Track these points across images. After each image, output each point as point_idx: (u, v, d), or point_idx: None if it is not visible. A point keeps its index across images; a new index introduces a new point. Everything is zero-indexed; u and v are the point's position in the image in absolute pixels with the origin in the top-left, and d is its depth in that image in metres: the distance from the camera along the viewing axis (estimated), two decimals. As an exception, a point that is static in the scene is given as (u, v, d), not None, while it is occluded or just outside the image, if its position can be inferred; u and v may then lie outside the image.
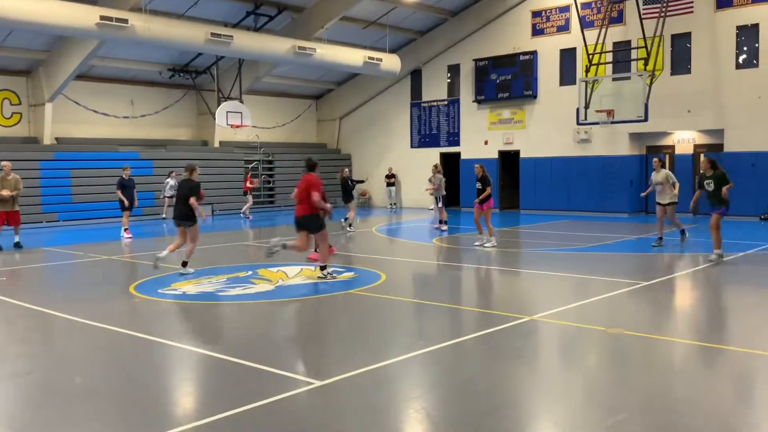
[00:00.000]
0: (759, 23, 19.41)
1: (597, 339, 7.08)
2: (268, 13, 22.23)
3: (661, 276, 10.78)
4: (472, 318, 8.22)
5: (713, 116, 20.33)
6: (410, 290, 10.47)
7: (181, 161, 23.99)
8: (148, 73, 24.20)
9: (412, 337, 7.30)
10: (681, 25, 20.63)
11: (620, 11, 21.57)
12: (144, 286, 10.13)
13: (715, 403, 5.18)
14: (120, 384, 5.79)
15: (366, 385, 5.60)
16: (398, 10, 23.94)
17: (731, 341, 7.00)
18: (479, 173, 14.47)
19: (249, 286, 9.92)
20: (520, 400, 5.36)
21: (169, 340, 7.09)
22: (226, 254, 14.13)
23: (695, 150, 21.39)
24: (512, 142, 24.68)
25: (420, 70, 27.16)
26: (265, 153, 27.09)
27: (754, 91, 19.53)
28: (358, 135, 29.60)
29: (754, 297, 9.51)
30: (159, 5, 19.86)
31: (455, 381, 5.75)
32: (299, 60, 22.30)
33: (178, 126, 25.90)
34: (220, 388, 5.66)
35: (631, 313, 8.49)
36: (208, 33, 19.61)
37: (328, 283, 10.20)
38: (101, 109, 23.52)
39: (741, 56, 20.01)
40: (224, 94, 24.34)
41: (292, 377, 5.74)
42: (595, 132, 22.26)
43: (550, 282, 10.71)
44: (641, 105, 18.88)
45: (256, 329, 7.75)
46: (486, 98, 24.98)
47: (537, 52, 23.73)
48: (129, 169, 17.39)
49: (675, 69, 21.03)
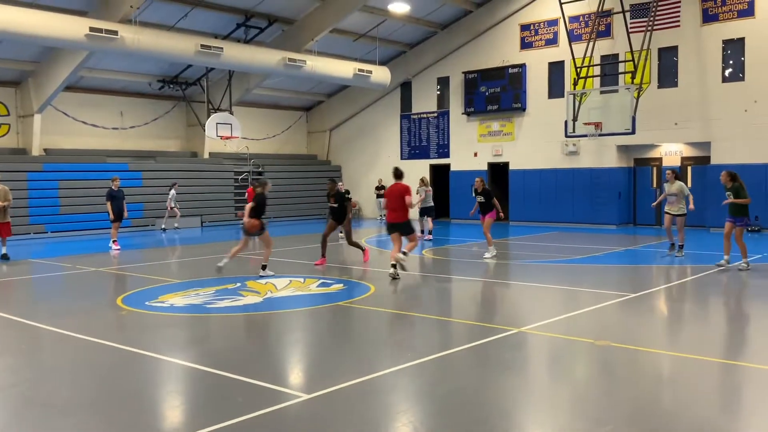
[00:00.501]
0: (744, 37, 19.66)
1: (585, 351, 7.10)
2: (259, 25, 22.31)
3: (649, 288, 10.83)
4: (461, 330, 8.23)
5: (700, 129, 20.52)
6: (399, 302, 10.46)
7: (171, 173, 24.04)
8: (138, 85, 24.18)
9: (400, 350, 7.29)
10: (668, 39, 20.86)
11: (608, 25, 21.79)
12: (131, 299, 10.08)
13: (700, 414, 5.20)
14: (106, 397, 5.74)
15: (354, 397, 5.59)
16: (388, 23, 24.08)
17: (717, 353, 7.04)
18: (479, 187, 14.67)
19: (237, 299, 9.89)
20: (509, 412, 5.36)
21: (155, 352, 7.05)
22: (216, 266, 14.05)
23: (683, 162, 21.57)
24: (501, 154, 24.80)
25: (410, 82, 27.29)
26: (255, 164, 27.08)
27: (740, 104, 19.74)
28: (349, 147, 29.65)
29: (740, 308, 9.57)
30: (149, 17, 19.89)
31: (444, 393, 5.74)
32: (289, 72, 22.35)
33: (167, 137, 25.86)
34: (207, 401, 5.63)
35: (619, 325, 8.52)
36: (198, 45, 19.64)
37: (319, 294, 10.20)
38: (90, 121, 23.47)
39: (727, 70, 20.23)
40: (214, 106, 24.36)
41: (279, 390, 5.72)
42: (584, 144, 22.41)
43: (538, 294, 10.74)
44: (629, 118, 19.04)
45: (244, 342, 7.72)
46: (475, 110, 25.11)
47: (526, 65, 23.91)
48: (118, 180, 17.33)
49: (662, 82, 21.24)
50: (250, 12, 21.75)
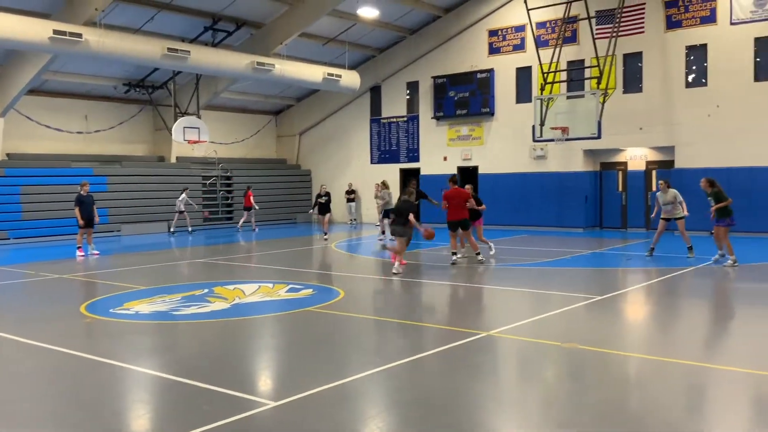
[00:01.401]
0: (707, 43, 20.06)
1: (552, 354, 7.16)
2: (227, 29, 22.13)
3: (615, 290, 10.96)
4: (430, 334, 8.23)
5: (664, 133, 20.88)
6: (369, 307, 10.44)
7: (136, 177, 23.72)
8: (103, 88, 23.81)
9: (370, 355, 7.27)
10: (632, 45, 21.20)
11: (574, 31, 22.08)
12: (95, 306, 9.90)
13: (667, 416, 5.27)
14: (69, 407, 5.62)
15: (323, 404, 5.55)
16: (357, 28, 24.08)
17: (684, 355, 7.14)
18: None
19: (204, 305, 9.77)
20: (477, 416, 5.37)
21: (120, 361, 6.92)
22: (183, 272, 13.91)
23: (647, 167, 21.92)
24: (471, 158, 24.95)
25: (379, 87, 27.31)
26: (224, 169, 26.84)
27: (703, 109, 20.13)
28: (318, 151, 29.56)
29: (704, 310, 9.74)
30: (114, 20, 19.61)
31: (413, 398, 5.73)
32: (258, 76, 22.21)
33: (133, 142, 25.51)
34: (173, 410, 5.54)
35: (586, 327, 8.61)
36: (165, 48, 19.40)
37: (288, 300, 10.14)
38: (54, 125, 23.04)
39: (690, 75, 20.63)
40: (181, 110, 24.10)
41: (247, 398, 5.66)
42: (551, 149, 22.65)
43: (507, 297, 10.81)
44: (594, 122, 19.30)
45: (211, 349, 7.62)
46: (445, 115, 25.23)
47: (494, 70, 24.10)
48: (87, 185, 17.03)
49: (627, 87, 21.57)
50: (218, 15, 21.57)
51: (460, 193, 14.38)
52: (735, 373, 6.37)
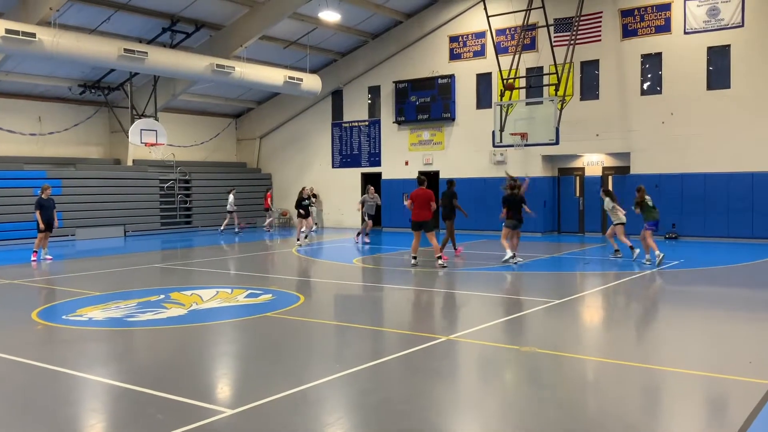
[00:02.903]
0: (662, 52, 20.53)
1: (511, 357, 7.20)
2: (185, 30, 21.85)
3: (573, 294, 11.10)
4: (390, 339, 8.21)
5: (620, 140, 21.29)
6: (329, 312, 10.38)
7: (92, 180, 23.23)
8: (57, 89, 23.27)
9: (329, 360, 7.21)
10: (590, 53, 21.58)
11: (533, 38, 22.37)
12: (47, 313, 9.64)
13: (624, 418, 5.33)
14: (18, 416, 5.44)
15: (282, 411, 5.47)
16: (319, 31, 24.01)
17: (639, 358, 7.25)
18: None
19: (160, 311, 9.58)
20: (438, 421, 5.36)
21: (71, 369, 6.73)
22: (139, 277, 13.64)
23: (604, 172, 22.31)
24: (432, 163, 25.06)
25: (341, 91, 27.27)
26: (182, 172, 26.45)
27: (657, 116, 20.59)
28: (279, 154, 29.36)
29: (660, 313, 9.93)
30: (69, 19, 19.19)
31: (373, 403, 5.70)
32: (218, 78, 21.97)
33: (88, 144, 24.97)
34: (126, 419, 5.40)
35: (544, 331, 8.69)
36: (122, 48, 19.05)
37: (247, 305, 10.02)
38: (6, 126, 22.43)
39: (646, 83, 21.08)
40: (138, 112, 23.69)
41: (203, 406, 5.54)
42: (510, 154, 22.90)
43: (466, 302, 10.86)
44: (553, 129, 19.57)
45: (166, 356, 7.47)
46: (406, 119, 25.30)
47: (455, 76, 24.27)
48: (49, 189, 16.58)
49: (584, 95, 21.95)
50: (177, 16, 21.28)
51: (424, 194, 14.36)
52: (689, 375, 6.49)
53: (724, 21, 19.52)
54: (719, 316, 9.48)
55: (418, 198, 14.39)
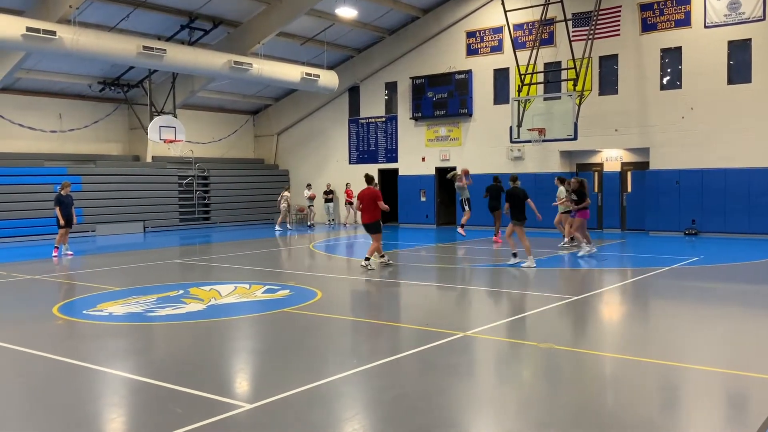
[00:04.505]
0: (681, 46, 20.30)
1: (529, 354, 7.18)
2: (203, 27, 21.95)
3: (591, 290, 11.04)
4: (408, 335, 8.22)
5: (639, 135, 21.10)
6: (346, 308, 10.41)
7: (112, 176, 23.44)
8: (78, 87, 23.49)
9: (347, 356, 7.24)
10: (608, 48, 21.39)
11: (551, 33, 22.22)
12: (68, 307, 9.75)
13: (643, 415, 5.30)
14: (40, 410, 5.51)
15: (300, 406, 5.50)
16: (335, 27, 24.02)
17: (656, 354, 7.20)
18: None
19: (180, 306, 9.66)
20: (455, 417, 5.36)
21: (92, 363, 6.82)
22: (158, 272, 13.75)
23: (623, 168, 22.13)
24: (449, 159, 25.01)
25: (358, 87, 27.26)
26: (200, 168, 26.62)
27: (677, 111, 20.38)
28: (296, 151, 29.44)
29: (678, 310, 9.84)
30: (89, 17, 19.35)
31: (390, 399, 5.71)
32: (235, 75, 22.05)
33: (108, 141, 25.20)
34: (145, 413, 5.46)
35: (562, 327, 8.66)
36: (140, 46, 19.18)
37: (265, 301, 10.07)
38: (27, 123, 22.68)
39: (665, 78, 20.86)
40: (157, 109, 23.84)
41: (221, 400, 5.59)
42: (528, 150, 22.78)
43: (484, 297, 10.84)
44: (571, 124, 19.44)
45: (185, 351, 7.54)
46: (423, 116, 25.25)
47: (472, 72, 24.18)
48: (69, 185, 16.76)
49: (603, 89, 21.76)
50: (195, 13, 21.39)
51: (371, 194, 13.51)
52: (708, 372, 6.44)
53: (745, 14, 19.26)
54: (739, 313, 9.38)
55: (364, 198, 13.52)
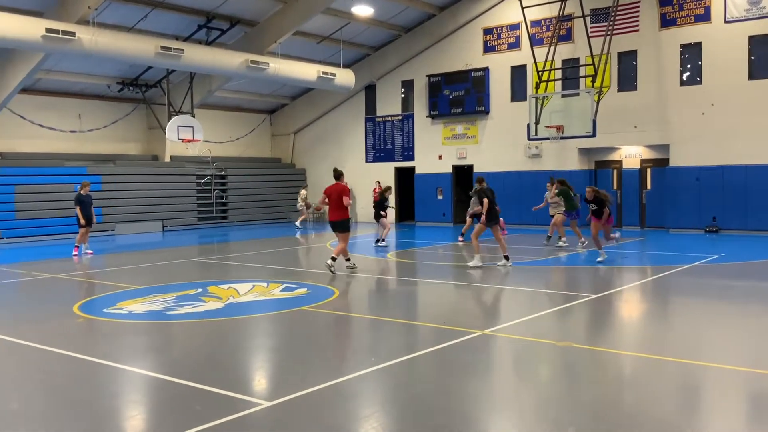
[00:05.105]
0: (702, 41, 20.07)
1: (547, 352, 7.13)
2: (220, 27, 22.05)
3: (610, 289, 10.95)
4: (425, 333, 8.20)
5: (659, 132, 20.89)
6: (363, 306, 10.41)
7: (131, 176, 23.64)
8: (97, 87, 23.70)
9: (364, 354, 7.24)
10: (627, 43, 21.20)
11: (568, 29, 22.07)
12: (88, 306, 9.84)
13: (661, 414, 5.24)
14: (58, 408, 5.57)
15: (317, 404, 5.51)
16: (351, 26, 24.02)
17: (677, 353, 7.13)
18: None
19: (198, 304, 9.71)
20: (472, 416, 5.34)
21: (111, 361, 6.87)
22: (177, 271, 13.84)
23: (642, 165, 21.94)
24: (465, 157, 24.93)
25: (374, 85, 27.26)
26: (218, 168, 26.76)
27: (697, 107, 20.15)
28: (313, 149, 29.50)
29: (699, 309, 9.73)
30: (107, 18, 19.51)
31: (408, 397, 5.70)
32: (252, 74, 22.13)
33: (127, 140, 25.41)
34: (165, 410, 5.50)
35: (581, 326, 8.60)
36: (158, 46, 19.31)
37: (282, 299, 10.09)
38: (47, 123, 22.93)
39: (685, 73, 20.64)
40: (175, 108, 23.99)
41: (240, 398, 5.61)
42: (546, 147, 22.65)
43: (502, 296, 10.79)
44: (589, 121, 19.29)
45: (204, 349, 7.58)
46: (439, 113, 25.20)
47: (489, 69, 24.07)
48: (88, 185, 16.94)
49: (622, 86, 21.58)
50: (212, 13, 21.48)
51: (338, 189, 12.56)
52: (730, 371, 6.35)
53: (766, 9, 18.99)
54: (762, 311, 9.25)
55: (332, 194, 12.54)
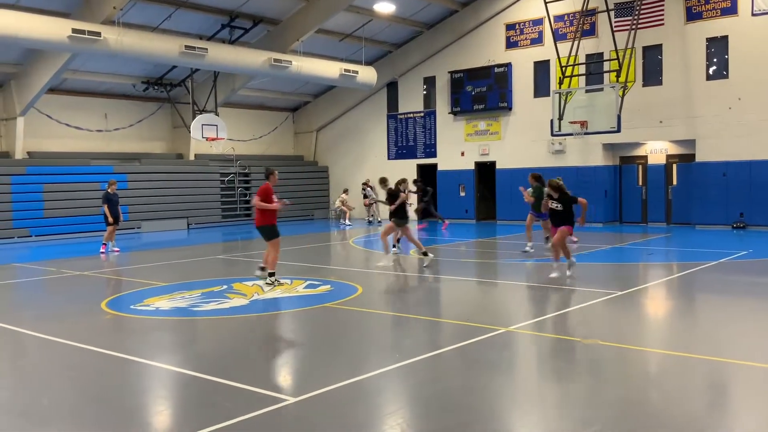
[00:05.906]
0: (728, 35, 19.76)
1: (572, 350, 7.09)
2: (243, 26, 22.18)
3: (635, 285, 10.85)
4: (449, 330, 8.19)
5: (685, 127, 20.62)
6: (387, 303, 10.42)
7: (156, 174, 23.89)
8: (122, 86, 23.98)
9: (388, 351, 7.25)
10: (652, 38, 20.95)
11: (592, 24, 21.86)
12: (116, 302, 9.98)
13: (688, 412, 5.20)
14: (89, 403, 5.66)
15: (342, 400, 5.54)
16: (373, 23, 24.03)
17: (704, 350, 7.04)
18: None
19: (223, 301, 9.81)
20: (496, 413, 5.33)
21: (139, 357, 6.97)
22: (202, 268, 13.98)
23: (668, 160, 21.68)
24: (488, 153, 24.83)
25: (396, 82, 27.24)
26: (242, 166, 26.95)
27: (724, 101, 19.86)
28: (335, 147, 29.58)
29: (726, 306, 9.60)
30: (132, 18, 19.72)
31: (432, 394, 5.71)
32: (275, 72, 22.25)
33: (152, 139, 25.69)
34: (192, 406, 5.56)
35: (607, 323, 8.53)
36: (183, 46, 19.49)
37: (306, 296, 10.15)
38: (74, 123, 23.25)
39: (711, 67, 20.34)
40: (199, 107, 24.20)
41: (266, 394, 5.66)
42: (570, 143, 22.47)
43: (525, 293, 10.74)
44: (614, 116, 19.10)
45: (230, 345, 7.65)
46: (462, 110, 25.11)
47: (511, 65, 23.94)
48: (115, 184, 17.19)
49: (647, 80, 21.33)
50: (235, 12, 21.62)
51: (260, 189, 10.91)
52: (759, 368, 6.27)
53: (796, 1, 18.66)
54: (792, 309, 9.11)
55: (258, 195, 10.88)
